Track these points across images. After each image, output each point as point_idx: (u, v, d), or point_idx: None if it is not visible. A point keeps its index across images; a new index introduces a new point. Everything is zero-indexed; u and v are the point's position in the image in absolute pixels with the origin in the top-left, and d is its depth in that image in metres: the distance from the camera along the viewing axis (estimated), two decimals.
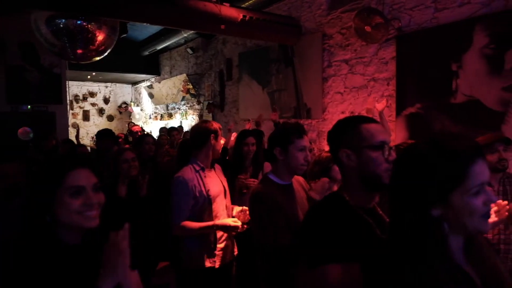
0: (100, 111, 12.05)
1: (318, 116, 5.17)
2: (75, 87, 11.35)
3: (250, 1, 5.67)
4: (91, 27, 4.20)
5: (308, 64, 5.30)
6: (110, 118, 12.17)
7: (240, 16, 4.73)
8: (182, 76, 8.71)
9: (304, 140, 1.89)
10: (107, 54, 4.74)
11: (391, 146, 1.19)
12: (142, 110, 11.70)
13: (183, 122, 9.12)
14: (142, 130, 7.51)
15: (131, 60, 9.60)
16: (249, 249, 2.19)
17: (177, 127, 7.50)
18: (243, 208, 2.32)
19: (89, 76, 10.71)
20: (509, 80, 3.14)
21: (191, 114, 8.94)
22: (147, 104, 11.42)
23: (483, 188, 0.87)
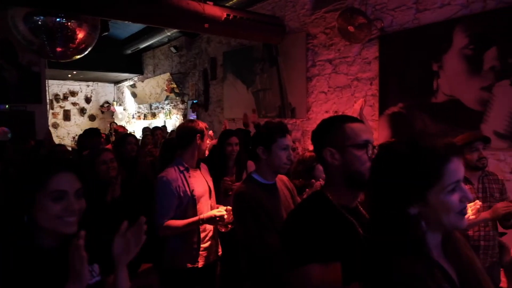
0: (82, 111, 11.82)
1: (303, 116, 5.19)
2: (55, 86, 11.10)
3: (234, 0, 5.65)
4: (71, 25, 4.12)
5: (292, 64, 5.31)
6: (92, 118, 11.95)
7: (224, 15, 4.71)
8: (166, 75, 8.62)
9: (287, 139, 1.88)
10: (88, 52, 4.66)
11: (375, 145, 1.20)
12: (125, 109, 11.54)
13: (167, 121, 9.03)
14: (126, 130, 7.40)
15: (113, 58, 9.43)
16: (233, 249, 2.18)
17: (160, 127, 7.44)
18: (227, 208, 2.30)
19: (70, 75, 10.49)
20: (487, 80, 3.21)
21: (175, 113, 8.86)
22: (130, 104, 11.26)
23: (459, 185, 0.89)
